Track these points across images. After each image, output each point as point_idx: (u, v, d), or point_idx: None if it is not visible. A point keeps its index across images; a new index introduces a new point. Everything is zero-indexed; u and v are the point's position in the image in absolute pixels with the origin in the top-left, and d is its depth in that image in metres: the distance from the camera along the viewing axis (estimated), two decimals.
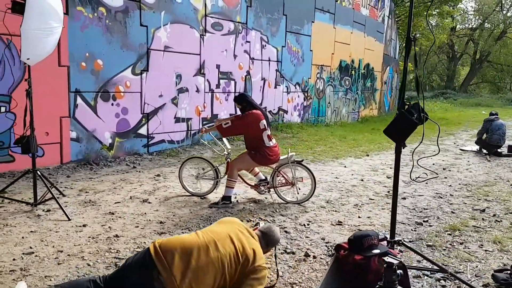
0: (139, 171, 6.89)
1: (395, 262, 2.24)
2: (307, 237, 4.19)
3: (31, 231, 4.03)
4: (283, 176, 5.20)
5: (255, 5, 10.53)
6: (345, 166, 7.75)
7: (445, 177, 7.01)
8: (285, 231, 4.30)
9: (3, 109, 6.11)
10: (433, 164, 8.16)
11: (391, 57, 20.41)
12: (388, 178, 6.82)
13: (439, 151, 3.38)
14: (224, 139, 5.47)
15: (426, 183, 6.57)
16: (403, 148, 3.14)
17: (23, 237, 3.88)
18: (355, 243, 2.81)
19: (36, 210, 4.63)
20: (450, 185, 6.48)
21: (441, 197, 5.78)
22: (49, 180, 5.08)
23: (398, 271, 2.25)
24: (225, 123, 4.94)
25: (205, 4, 9.11)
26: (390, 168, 7.63)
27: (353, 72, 15.94)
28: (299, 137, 10.91)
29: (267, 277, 3.31)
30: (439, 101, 29.66)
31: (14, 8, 4.19)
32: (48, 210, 4.63)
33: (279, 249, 3.82)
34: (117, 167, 7.13)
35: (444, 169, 7.71)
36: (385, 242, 3.18)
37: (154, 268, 2.50)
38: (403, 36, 22.40)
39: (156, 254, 2.55)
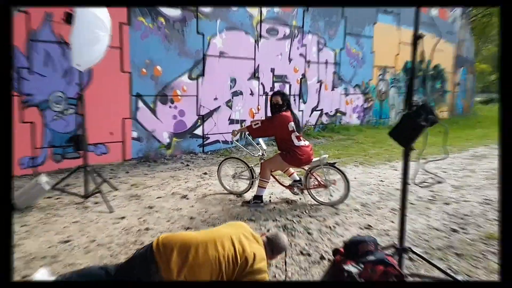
0: (191, 169, 7.30)
1: (354, 270, 2.24)
2: (329, 239, 4.20)
3: (74, 221, 4.49)
4: (315, 178, 5.24)
5: (312, 9, 10.57)
6: (395, 169, 7.54)
7: None
8: (308, 233, 4.35)
9: (71, 111, 6.82)
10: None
11: (465, 58, 19.23)
12: (439, 183, 6.54)
13: (447, 155, 3.28)
14: (260, 141, 5.64)
15: (478, 188, 6.24)
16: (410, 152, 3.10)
17: (65, 227, 4.33)
18: (350, 249, 2.75)
19: (87, 202, 5.13)
20: None
21: (489, 204, 5.47)
22: (101, 175, 5.61)
23: (360, 280, 2.24)
24: (255, 124, 5.10)
25: (261, 10, 9.35)
26: (444, 172, 7.30)
27: (420, 73, 15.27)
28: (355, 139, 10.74)
29: (275, 278, 3.41)
30: None
31: (67, 19, 4.68)
32: (97, 203, 5.11)
33: (296, 250, 3.90)
34: (172, 165, 7.61)
35: None
36: (391, 250, 3.15)
37: (153, 262, 2.61)
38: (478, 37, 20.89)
39: (157, 248, 2.66)
